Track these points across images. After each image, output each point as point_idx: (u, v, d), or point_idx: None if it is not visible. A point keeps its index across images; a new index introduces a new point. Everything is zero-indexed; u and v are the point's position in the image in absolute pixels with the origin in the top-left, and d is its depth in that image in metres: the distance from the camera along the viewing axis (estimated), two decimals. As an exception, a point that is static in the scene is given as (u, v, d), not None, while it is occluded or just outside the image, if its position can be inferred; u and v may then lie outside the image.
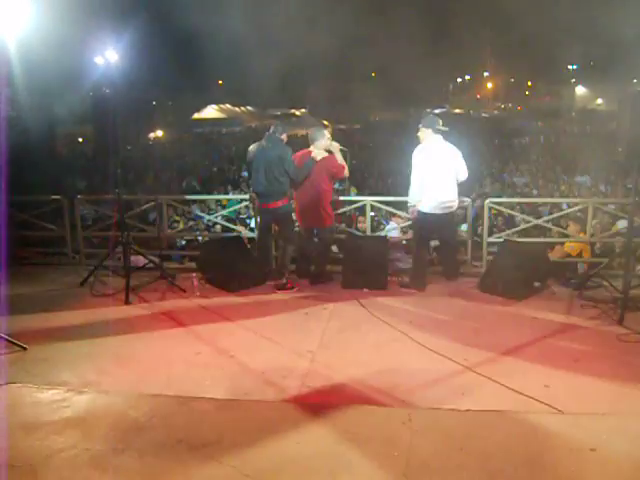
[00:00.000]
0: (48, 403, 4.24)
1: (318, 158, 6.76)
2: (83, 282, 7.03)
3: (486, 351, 5.07)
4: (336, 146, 6.91)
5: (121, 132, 6.63)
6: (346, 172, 6.94)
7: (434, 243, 7.69)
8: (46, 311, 6.23)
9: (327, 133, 6.99)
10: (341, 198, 7.72)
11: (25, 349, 5.15)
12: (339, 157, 6.89)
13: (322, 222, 6.92)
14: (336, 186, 7.90)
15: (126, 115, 6.68)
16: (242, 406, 4.20)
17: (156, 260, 7.32)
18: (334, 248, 7.75)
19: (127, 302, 6.44)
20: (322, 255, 7.12)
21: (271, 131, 6.81)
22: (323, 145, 6.87)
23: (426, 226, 6.77)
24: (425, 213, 6.66)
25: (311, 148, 6.89)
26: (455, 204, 6.69)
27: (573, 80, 62.82)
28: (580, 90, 61.56)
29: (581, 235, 7.55)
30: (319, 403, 4.22)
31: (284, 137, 6.82)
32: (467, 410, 4.07)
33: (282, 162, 6.61)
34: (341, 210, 7.71)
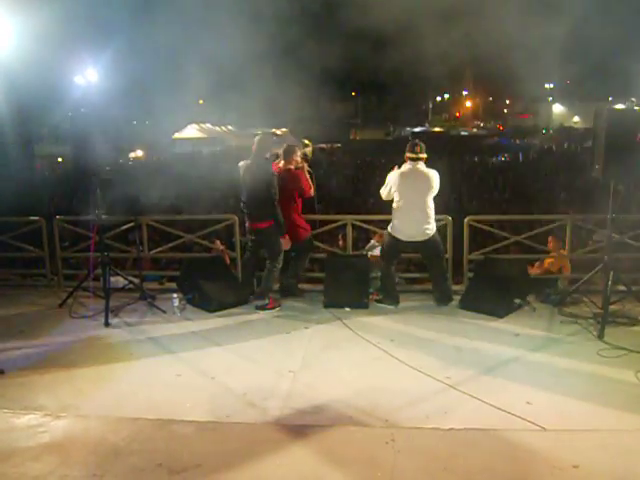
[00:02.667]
0: (24, 428, 4.15)
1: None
2: (62, 304, 6.95)
3: (468, 369, 5.07)
4: (305, 167, 6.97)
5: (100, 152, 6.58)
6: (312, 191, 7.03)
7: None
8: (24, 333, 6.15)
9: (298, 151, 7.06)
10: (322, 217, 7.74)
11: (2, 373, 5.06)
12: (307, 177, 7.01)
13: (298, 237, 6.98)
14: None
15: (105, 135, 6.64)
16: (223, 428, 4.16)
17: (136, 281, 7.25)
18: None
19: (107, 324, 6.36)
20: (297, 266, 7.17)
21: (255, 151, 6.72)
22: (295, 162, 6.92)
23: (392, 248, 6.82)
24: (393, 236, 6.71)
25: (281, 164, 6.94)
26: (430, 231, 6.66)
27: (550, 98, 63.83)
28: (557, 108, 62.54)
29: (561, 251, 7.60)
30: (301, 424, 4.18)
31: (268, 155, 6.80)
32: (450, 429, 4.06)
33: (267, 183, 6.60)
34: (322, 229, 7.73)
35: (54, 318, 6.65)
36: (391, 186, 6.65)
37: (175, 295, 7.07)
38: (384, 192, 6.78)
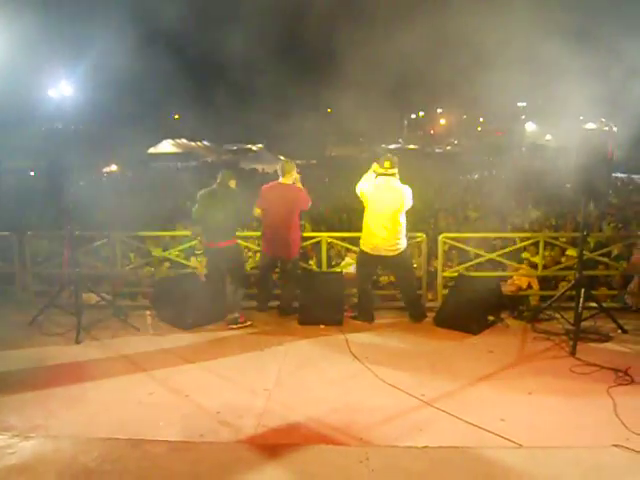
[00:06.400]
0: (-8, 450, 4.07)
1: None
2: (32, 321, 6.81)
3: (443, 386, 5.09)
4: (298, 178, 7.01)
5: (74, 166, 6.52)
6: (309, 205, 7.10)
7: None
8: (-8, 351, 6.03)
9: (295, 167, 7.08)
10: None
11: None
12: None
13: (290, 253, 6.98)
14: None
15: (79, 149, 6.59)
16: (196, 448, 4.11)
17: (108, 297, 7.16)
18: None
19: (78, 341, 6.27)
20: (290, 287, 7.16)
21: (219, 180, 6.84)
22: (293, 177, 6.97)
23: (365, 264, 6.85)
24: (364, 252, 6.74)
25: (280, 180, 6.96)
26: (400, 246, 6.68)
27: (523, 117, 64.78)
28: (530, 126, 63.46)
29: (521, 270, 7.71)
30: (275, 443, 4.15)
31: (232, 183, 6.88)
32: (425, 447, 4.06)
33: (233, 205, 6.72)
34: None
35: (24, 336, 6.51)
36: (363, 192, 6.72)
37: (148, 312, 6.99)
38: (358, 188, 6.85)
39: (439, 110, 74.35)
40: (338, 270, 7.84)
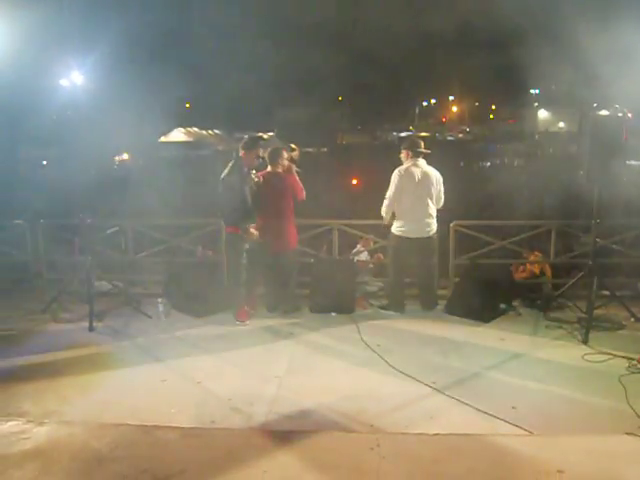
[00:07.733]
0: (6, 435, 4.10)
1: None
2: (46, 308, 6.87)
3: (454, 373, 5.09)
4: (294, 168, 6.83)
5: (85, 155, 6.53)
6: (304, 194, 6.81)
7: None
8: (6, 339, 6.08)
9: (285, 153, 6.83)
10: (307, 221, 7.62)
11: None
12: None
13: (288, 246, 6.82)
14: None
15: (91, 138, 6.59)
16: (208, 434, 4.13)
17: (120, 285, 7.19)
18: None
19: (91, 329, 6.31)
20: (291, 281, 6.98)
21: (236, 153, 6.58)
22: (282, 165, 6.74)
23: (401, 252, 6.80)
24: (399, 237, 6.70)
25: (269, 169, 6.77)
26: (433, 227, 6.70)
27: (536, 104, 64.25)
28: (542, 114, 62.93)
29: (532, 257, 7.65)
30: (286, 430, 4.16)
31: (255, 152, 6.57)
32: (436, 434, 4.06)
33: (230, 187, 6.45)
34: (307, 234, 7.66)
35: (38, 323, 6.58)
36: (396, 185, 6.64)
37: (160, 300, 7.02)
38: (388, 199, 6.74)
39: (451, 97, 73.90)
40: (349, 258, 7.81)
